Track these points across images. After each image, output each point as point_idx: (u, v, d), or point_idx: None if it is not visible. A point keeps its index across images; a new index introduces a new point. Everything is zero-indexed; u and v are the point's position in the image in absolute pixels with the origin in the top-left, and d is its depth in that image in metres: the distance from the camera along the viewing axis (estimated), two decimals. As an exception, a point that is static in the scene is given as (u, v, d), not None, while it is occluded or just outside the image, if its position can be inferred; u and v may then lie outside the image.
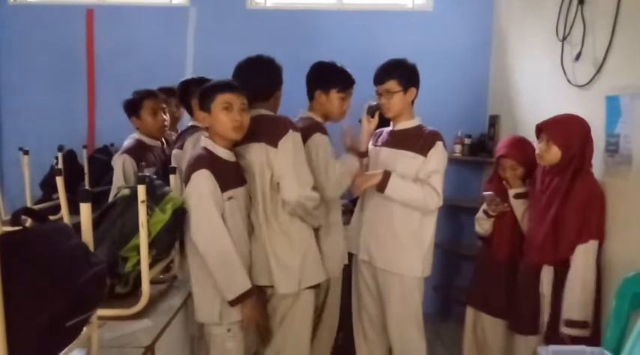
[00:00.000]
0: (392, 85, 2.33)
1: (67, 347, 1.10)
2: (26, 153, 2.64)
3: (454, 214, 3.84)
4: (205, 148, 1.93)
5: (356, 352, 2.62)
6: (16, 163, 2.74)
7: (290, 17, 3.73)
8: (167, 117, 2.70)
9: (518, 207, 2.46)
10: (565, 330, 2.10)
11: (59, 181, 1.98)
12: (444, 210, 3.87)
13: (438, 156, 2.34)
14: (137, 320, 1.70)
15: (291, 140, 2.01)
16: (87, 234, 1.26)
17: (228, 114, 1.89)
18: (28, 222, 1.18)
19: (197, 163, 1.87)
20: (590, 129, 2.24)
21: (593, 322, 2.11)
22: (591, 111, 2.31)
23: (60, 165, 2.67)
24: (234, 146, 2.00)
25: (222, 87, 1.93)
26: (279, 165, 2.00)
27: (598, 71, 2.26)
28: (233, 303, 1.85)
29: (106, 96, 2.87)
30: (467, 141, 3.75)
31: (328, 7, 3.79)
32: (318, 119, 2.33)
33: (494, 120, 3.70)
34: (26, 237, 0.96)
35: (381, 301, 2.45)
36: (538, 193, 2.34)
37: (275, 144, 2.00)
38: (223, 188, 1.87)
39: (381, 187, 2.27)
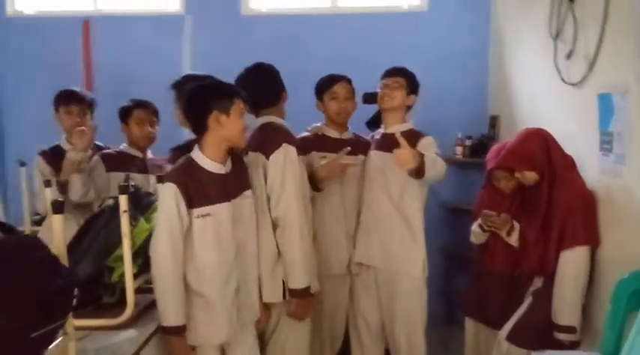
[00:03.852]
0: (402, 81, 2.44)
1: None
2: (23, 165, 2.67)
3: (457, 217, 3.79)
4: (189, 157, 1.87)
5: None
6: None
7: (284, 22, 3.72)
8: (154, 130, 2.65)
9: (512, 241, 2.44)
10: (556, 335, 2.14)
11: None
12: (447, 213, 3.85)
13: (428, 143, 2.37)
14: (123, 330, 1.70)
15: (282, 154, 2.03)
16: (59, 246, 1.26)
17: (241, 120, 1.86)
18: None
19: (168, 175, 1.83)
20: (547, 137, 2.29)
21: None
22: (585, 109, 2.28)
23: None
24: (233, 156, 1.95)
25: (239, 91, 1.89)
26: (270, 178, 2.03)
27: (590, 69, 2.22)
28: (164, 332, 1.78)
29: (104, 106, 2.89)
30: (468, 142, 3.70)
31: (323, 12, 3.78)
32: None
33: (494, 121, 3.66)
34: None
35: (387, 303, 2.47)
36: (527, 208, 2.36)
37: (267, 156, 2.04)
38: (196, 204, 1.78)
39: (420, 171, 2.14)
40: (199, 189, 1.80)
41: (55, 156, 2.53)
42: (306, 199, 2.18)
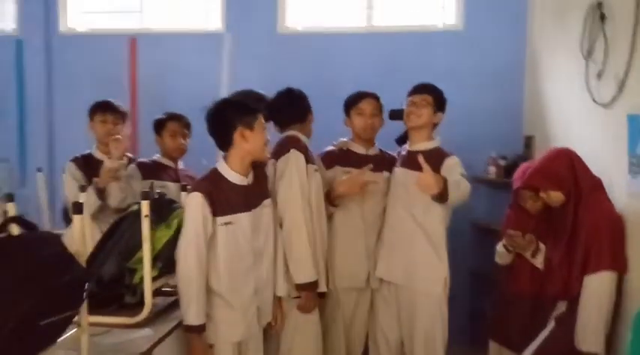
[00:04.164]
0: (429, 98, 2.43)
1: (50, 346, 1.20)
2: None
3: (488, 238, 3.71)
4: (215, 169, 1.99)
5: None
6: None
7: (320, 40, 3.81)
8: (186, 142, 2.76)
9: (537, 263, 2.40)
10: None
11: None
12: (478, 233, 3.78)
13: (453, 163, 2.35)
14: (140, 328, 1.79)
15: (289, 157, 2.21)
16: (78, 244, 1.36)
17: (263, 134, 1.99)
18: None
19: (195, 185, 1.96)
20: (573, 157, 2.24)
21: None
22: (615, 130, 2.22)
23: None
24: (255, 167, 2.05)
25: (259, 106, 2.02)
26: (276, 178, 2.21)
27: (620, 89, 2.17)
28: (185, 330, 1.87)
29: (148, 120, 3.03)
30: (501, 162, 3.65)
31: (358, 31, 3.85)
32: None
33: (529, 141, 3.59)
34: (3, 243, 1.06)
35: (406, 320, 2.46)
36: (553, 229, 2.31)
37: (277, 160, 2.24)
38: (220, 212, 1.89)
39: (443, 195, 2.12)
40: (223, 199, 1.91)
41: (86, 163, 2.67)
42: (314, 208, 2.25)
